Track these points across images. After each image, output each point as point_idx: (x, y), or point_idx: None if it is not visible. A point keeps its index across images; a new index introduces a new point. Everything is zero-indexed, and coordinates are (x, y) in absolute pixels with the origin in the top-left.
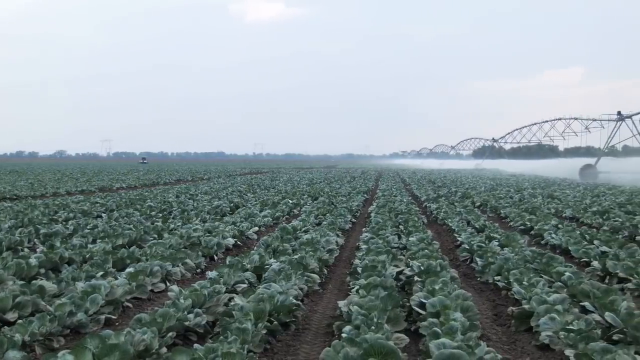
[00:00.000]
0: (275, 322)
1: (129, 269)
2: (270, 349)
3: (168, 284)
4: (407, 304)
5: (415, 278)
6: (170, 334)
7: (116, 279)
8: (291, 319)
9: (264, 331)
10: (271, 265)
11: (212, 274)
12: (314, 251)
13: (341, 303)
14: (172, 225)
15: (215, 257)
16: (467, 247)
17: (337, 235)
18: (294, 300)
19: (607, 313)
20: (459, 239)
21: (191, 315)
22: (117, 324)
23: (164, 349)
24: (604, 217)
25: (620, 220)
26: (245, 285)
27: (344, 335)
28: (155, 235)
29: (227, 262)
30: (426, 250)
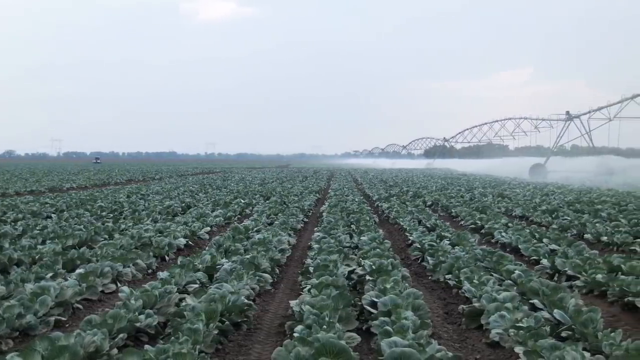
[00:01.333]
0: (227, 322)
1: (79, 270)
2: (222, 349)
3: (119, 284)
4: (359, 303)
5: (367, 277)
6: (121, 335)
7: (66, 280)
8: (243, 318)
9: (216, 331)
10: (223, 265)
11: (163, 274)
12: (266, 251)
13: (293, 302)
14: (123, 226)
15: (167, 258)
16: (419, 246)
17: (289, 235)
18: (246, 300)
19: (555, 310)
20: (410, 238)
21: (142, 316)
22: (67, 325)
23: (115, 351)
24: (553, 216)
25: (569, 218)
26: (196, 286)
27: (295, 334)
28: (106, 236)
29: (179, 263)
30: (378, 250)
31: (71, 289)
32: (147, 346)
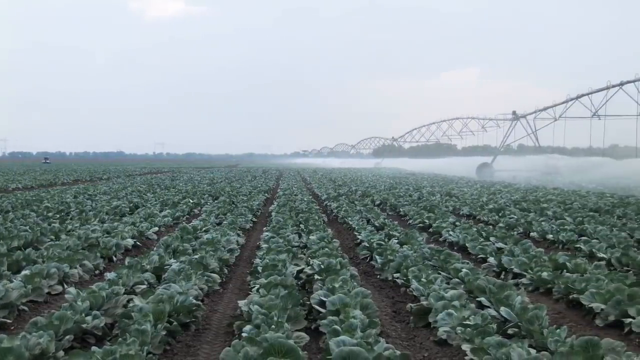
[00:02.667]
0: (175, 323)
1: (25, 272)
2: (170, 349)
3: (66, 286)
4: (308, 302)
5: (316, 276)
6: (67, 337)
7: (11, 281)
8: (191, 319)
9: (164, 332)
10: (171, 265)
11: (110, 275)
12: (215, 251)
13: (242, 302)
14: (69, 227)
15: (114, 258)
16: (367, 245)
17: (238, 235)
18: (194, 301)
19: (502, 308)
20: (359, 237)
21: (89, 318)
22: (12, 328)
23: (61, 353)
24: (500, 215)
25: (515, 217)
26: (144, 286)
27: (244, 334)
28: (53, 237)
29: (126, 263)
30: (326, 249)
31: (16, 291)
32: (94, 348)
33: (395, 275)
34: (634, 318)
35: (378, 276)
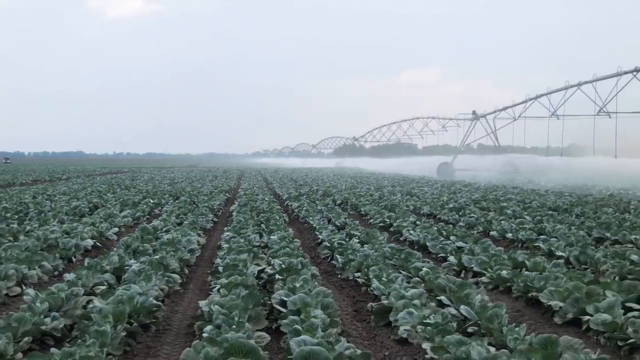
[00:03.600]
0: (135, 324)
1: None
2: (130, 351)
3: (24, 287)
4: (269, 302)
5: (277, 276)
6: (26, 338)
7: None
8: (152, 320)
9: (124, 333)
10: (131, 266)
11: (70, 276)
12: (175, 251)
13: (202, 303)
14: (28, 227)
15: (74, 259)
16: (328, 245)
17: (199, 235)
18: (155, 301)
19: (462, 306)
20: (320, 236)
21: (48, 319)
22: None
23: (20, 355)
24: (460, 214)
25: (475, 216)
26: (104, 287)
27: (205, 335)
28: (11, 238)
29: (86, 264)
30: (287, 249)
31: None
32: (53, 349)
33: (356, 274)
34: (591, 315)
35: (339, 275)
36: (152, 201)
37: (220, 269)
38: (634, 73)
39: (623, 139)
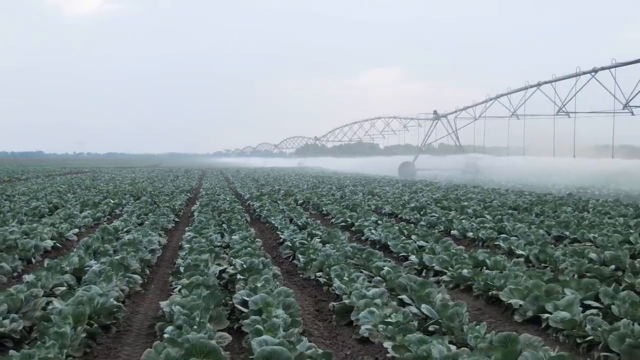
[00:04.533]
0: (96, 325)
1: None
2: (91, 352)
3: None
4: (230, 302)
5: (238, 276)
6: None
7: None
8: (112, 321)
9: (84, 334)
10: (92, 267)
11: (29, 277)
12: (136, 251)
13: (163, 303)
14: None
15: (33, 260)
16: (290, 245)
17: (160, 235)
18: (115, 302)
19: (423, 305)
20: (281, 236)
21: (7, 321)
22: None
23: None
24: (422, 213)
25: (436, 215)
26: (64, 288)
27: (165, 335)
28: None
29: (46, 265)
30: (249, 248)
31: None
32: (12, 352)
33: (318, 274)
34: (550, 313)
35: (301, 275)
36: (112, 201)
37: (182, 269)
38: (592, 73)
39: (581, 138)
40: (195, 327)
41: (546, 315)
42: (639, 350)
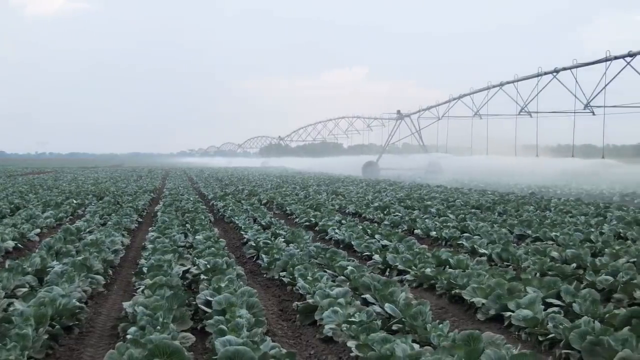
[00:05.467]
0: (58, 326)
1: None
2: (53, 354)
3: None
4: (194, 302)
5: (202, 276)
6: None
7: None
8: (75, 322)
9: (46, 336)
10: (54, 267)
11: None
12: (99, 252)
13: (126, 304)
14: None
15: None
16: (254, 244)
17: (123, 235)
18: (78, 303)
19: (387, 304)
20: (245, 236)
21: None
22: None
23: None
24: (385, 212)
25: (400, 214)
26: (26, 289)
27: (129, 336)
28: None
29: (7, 266)
30: (213, 249)
31: None
32: None
33: (282, 274)
34: (513, 312)
35: (265, 275)
36: (75, 202)
37: (145, 269)
38: (554, 74)
39: (543, 138)
40: (158, 327)
41: (509, 313)
42: (600, 348)
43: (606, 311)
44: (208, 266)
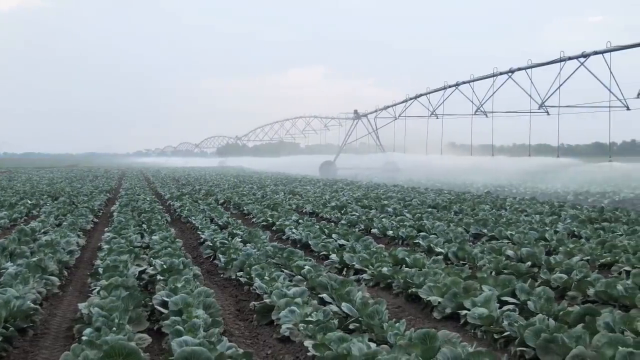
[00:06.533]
0: (12, 328)
1: None
2: (7, 356)
3: None
4: (150, 303)
5: (159, 277)
6: None
7: None
8: (29, 324)
9: (0, 338)
10: (8, 269)
11: None
12: (54, 253)
13: (82, 305)
14: None
15: None
16: (211, 244)
17: (79, 236)
18: (32, 305)
19: (343, 304)
20: (202, 236)
21: None
22: None
23: None
24: (342, 212)
25: (357, 214)
26: None
27: (84, 338)
28: None
29: None
30: (169, 249)
31: None
32: None
33: (239, 273)
34: (469, 310)
35: (222, 275)
36: (30, 202)
37: (101, 270)
38: (509, 74)
39: (500, 137)
40: (114, 328)
41: (464, 312)
42: (554, 345)
43: (560, 309)
44: (164, 266)
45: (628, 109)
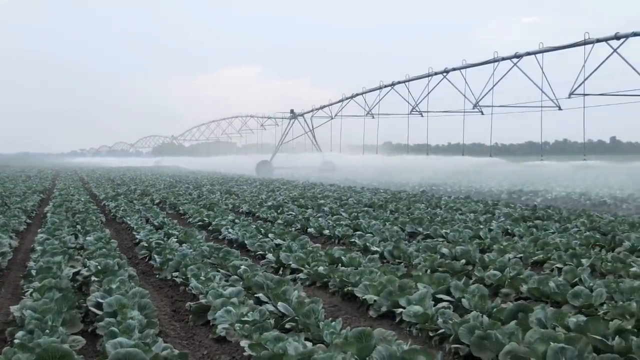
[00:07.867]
0: None
1: None
2: None
3: None
4: (85, 304)
5: (93, 278)
6: None
7: None
8: None
9: None
10: None
11: None
12: None
13: (14, 308)
14: None
15: None
16: (146, 245)
17: (11, 237)
18: None
19: (280, 303)
20: (137, 236)
21: None
22: None
23: None
24: (279, 211)
25: (293, 213)
26: None
27: (16, 341)
28: None
29: None
30: (104, 250)
31: None
32: None
33: (175, 274)
34: (404, 308)
35: (157, 276)
36: None
37: (34, 272)
38: (444, 74)
39: (435, 136)
40: (47, 331)
41: (400, 310)
42: (488, 342)
43: (494, 306)
44: (99, 267)
45: (560, 108)
